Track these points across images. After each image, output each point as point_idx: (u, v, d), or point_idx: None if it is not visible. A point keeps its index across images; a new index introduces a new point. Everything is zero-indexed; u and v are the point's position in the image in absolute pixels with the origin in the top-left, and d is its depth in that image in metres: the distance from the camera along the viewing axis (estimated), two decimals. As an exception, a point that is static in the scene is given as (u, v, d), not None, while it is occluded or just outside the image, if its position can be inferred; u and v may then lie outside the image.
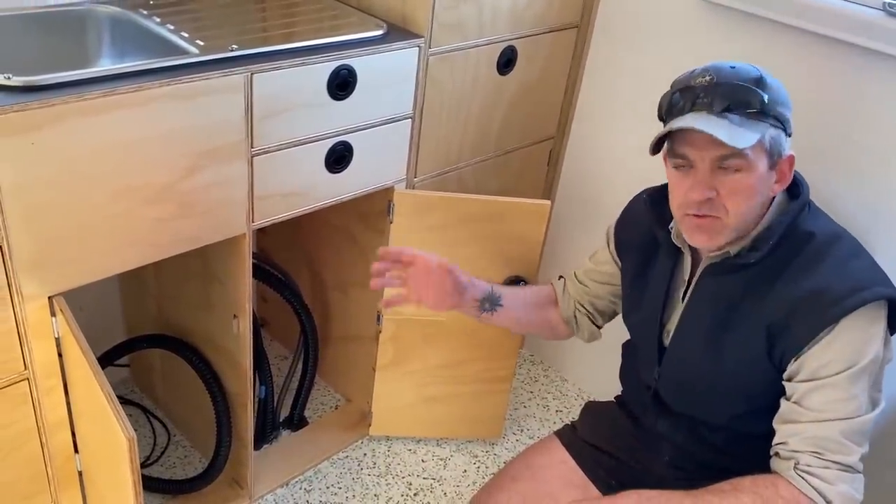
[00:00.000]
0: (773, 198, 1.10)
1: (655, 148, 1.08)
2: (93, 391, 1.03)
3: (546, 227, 1.59)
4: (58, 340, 1.15)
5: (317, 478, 1.74)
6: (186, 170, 1.18)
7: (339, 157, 1.39)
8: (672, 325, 1.19)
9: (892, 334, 1.06)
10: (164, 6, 1.37)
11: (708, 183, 1.05)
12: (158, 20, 1.31)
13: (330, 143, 1.36)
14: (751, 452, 1.11)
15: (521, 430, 1.94)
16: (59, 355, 1.16)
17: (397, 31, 1.42)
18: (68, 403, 1.21)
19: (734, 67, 1.05)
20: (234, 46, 1.22)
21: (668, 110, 1.08)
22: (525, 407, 2.02)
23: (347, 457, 1.81)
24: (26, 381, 1.15)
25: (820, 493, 1.00)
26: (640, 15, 1.67)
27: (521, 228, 1.58)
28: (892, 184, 1.40)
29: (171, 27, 1.28)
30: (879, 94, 1.37)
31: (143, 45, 1.30)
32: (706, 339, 1.13)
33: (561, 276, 1.43)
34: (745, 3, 1.47)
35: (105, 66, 1.33)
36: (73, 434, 1.24)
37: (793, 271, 1.06)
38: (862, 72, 1.38)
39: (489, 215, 1.56)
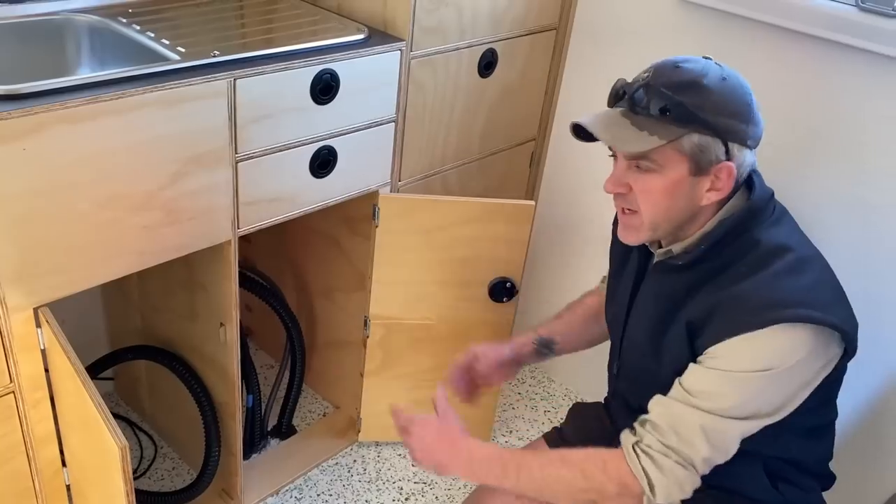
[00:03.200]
0: (724, 201, 1.07)
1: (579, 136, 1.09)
2: (82, 400, 1.02)
3: (531, 227, 1.59)
4: (43, 352, 1.13)
5: (307, 486, 1.73)
6: (171, 177, 1.17)
7: (323, 162, 1.38)
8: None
9: (847, 359, 1.05)
10: (142, 14, 1.37)
11: (620, 178, 1.06)
12: (138, 28, 1.30)
13: (314, 147, 1.36)
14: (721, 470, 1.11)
15: (511, 432, 1.94)
16: (45, 367, 1.15)
17: (379, 35, 1.43)
18: (55, 416, 1.20)
19: (678, 66, 1.03)
20: (216, 52, 1.21)
21: (607, 100, 1.09)
22: (513, 408, 2.02)
23: (337, 464, 1.80)
24: (12, 395, 1.13)
25: (647, 477, 1.01)
26: (617, 16, 1.69)
27: (506, 230, 1.58)
28: (866, 176, 1.42)
29: (152, 35, 1.27)
30: (854, 89, 1.40)
31: (124, 53, 1.29)
32: (648, 336, 1.15)
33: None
34: (722, 1, 1.49)
35: (86, 74, 1.32)
36: (61, 447, 1.22)
37: (728, 276, 1.04)
38: (836, 67, 1.41)
39: (474, 217, 1.56)
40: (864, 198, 1.44)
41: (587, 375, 2.03)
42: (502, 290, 1.63)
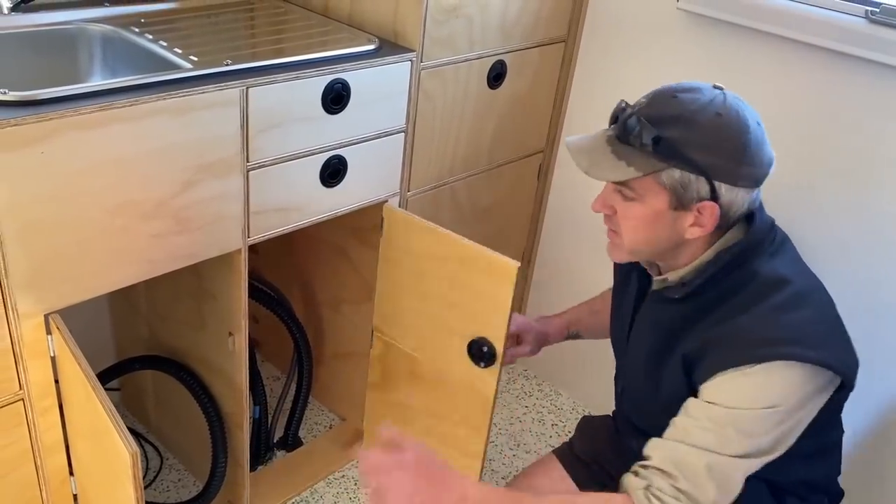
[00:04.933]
0: (720, 233, 1.05)
1: None
2: (93, 407, 1.01)
3: (512, 289, 1.31)
4: (53, 359, 1.13)
5: (314, 498, 1.72)
6: (183, 184, 1.17)
7: (333, 171, 1.39)
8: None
9: (846, 393, 1.04)
10: (155, 24, 1.37)
11: (606, 199, 1.07)
12: (151, 37, 1.30)
13: (325, 157, 1.36)
14: None
15: (518, 445, 1.93)
16: (55, 375, 1.14)
17: (389, 46, 1.43)
18: (63, 424, 1.19)
19: (676, 97, 1.01)
20: (229, 61, 1.22)
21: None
22: (521, 422, 2.01)
23: (344, 476, 1.78)
24: (21, 402, 1.13)
25: None
26: (625, 28, 1.69)
27: (485, 283, 1.36)
28: (875, 187, 1.42)
29: (164, 44, 1.28)
30: (862, 100, 1.40)
31: (136, 61, 1.29)
32: (646, 365, 1.14)
33: None
34: (728, 13, 1.50)
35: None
36: (69, 456, 1.22)
37: (724, 309, 1.03)
38: (845, 78, 1.41)
39: (455, 258, 1.40)
40: (874, 209, 1.44)
41: (595, 389, 2.02)
42: (479, 352, 1.40)
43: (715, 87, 1.03)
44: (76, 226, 1.08)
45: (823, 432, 1.10)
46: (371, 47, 1.38)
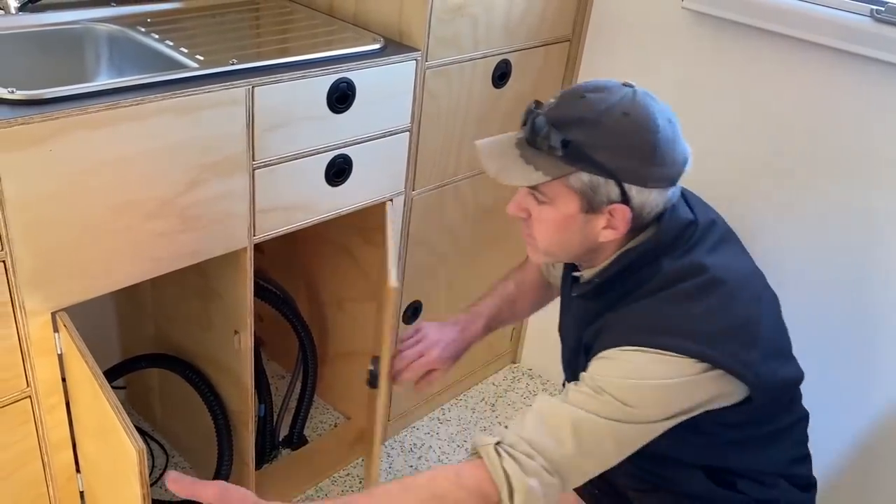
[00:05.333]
0: (632, 235, 1.04)
1: None
2: (99, 405, 1.02)
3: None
4: (60, 357, 1.14)
5: (319, 496, 1.72)
6: (188, 183, 1.18)
7: (339, 170, 1.39)
8: None
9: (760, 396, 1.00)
10: (160, 24, 1.38)
11: (519, 203, 1.06)
12: (157, 37, 1.31)
13: (330, 155, 1.36)
14: (662, 476, 1.12)
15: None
16: (62, 373, 1.15)
17: (394, 46, 1.43)
18: (70, 421, 1.20)
19: (584, 97, 0.98)
20: (234, 60, 1.22)
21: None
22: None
23: (349, 474, 1.79)
24: (28, 399, 1.13)
25: (507, 481, 0.92)
26: (630, 28, 1.69)
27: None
28: (882, 186, 1.42)
29: (170, 43, 1.29)
30: (867, 99, 1.40)
31: (143, 61, 1.30)
32: (569, 359, 1.15)
33: None
34: (732, 12, 1.50)
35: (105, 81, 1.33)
36: (75, 453, 1.22)
37: (627, 301, 1.03)
38: (850, 77, 1.41)
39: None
40: (880, 209, 1.43)
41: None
42: (371, 372, 1.37)
43: (625, 84, 1.01)
44: (82, 224, 1.08)
45: (770, 419, 1.09)
46: (376, 47, 1.39)
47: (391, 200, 1.53)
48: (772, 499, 1.12)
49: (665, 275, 1.01)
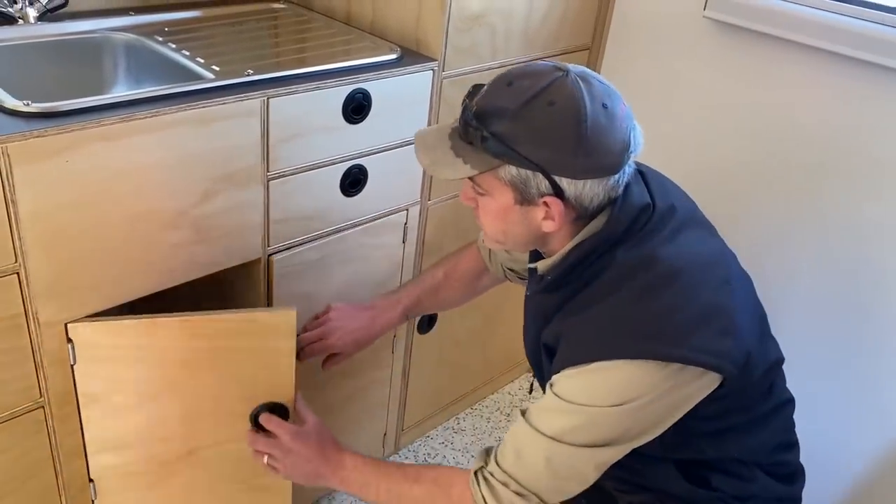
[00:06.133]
0: (583, 223, 1.00)
1: None
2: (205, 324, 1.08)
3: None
4: (73, 367, 1.14)
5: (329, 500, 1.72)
6: (203, 194, 1.18)
7: (354, 181, 1.38)
8: None
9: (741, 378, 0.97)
10: (178, 33, 1.38)
11: (466, 193, 1.04)
12: (174, 46, 1.31)
13: (345, 166, 1.36)
14: (638, 472, 1.10)
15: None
16: (74, 382, 1.15)
17: (411, 55, 1.43)
18: (82, 431, 1.20)
19: (511, 84, 0.94)
20: (250, 71, 1.22)
21: None
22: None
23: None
24: (42, 409, 1.14)
25: None
26: (650, 36, 1.67)
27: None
28: (911, 201, 1.39)
29: (187, 53, 1.29)
30: (891, 109, 1.37)
31: (159, 71, 1.30)
32: (531, 354, 1.14)
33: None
34: (755, 22, 1.48)
35: (122, 92, 1.34)
36: (87, 462, 1.22)
37: (580, 300, 1.00)
38: (873, 88, 1.38)
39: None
40: (905, 223, 1.41)
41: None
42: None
43: (557, 68, 0.95)
44: (97, 235, 1.08)
45: (748, 406, 1.05)
46: (393, 56, 1.38)
47: (407, 210, 1.53)
48: (749, 495, 1.09)
49: (619, 266, 0.97)
